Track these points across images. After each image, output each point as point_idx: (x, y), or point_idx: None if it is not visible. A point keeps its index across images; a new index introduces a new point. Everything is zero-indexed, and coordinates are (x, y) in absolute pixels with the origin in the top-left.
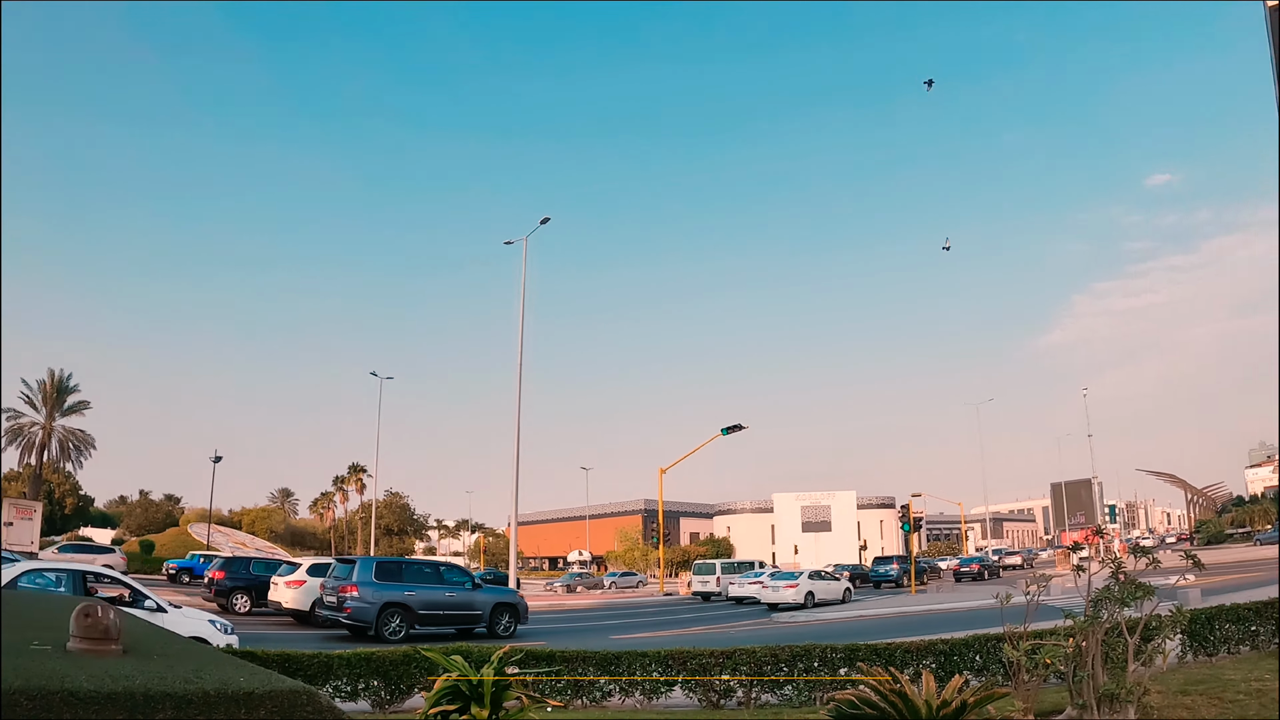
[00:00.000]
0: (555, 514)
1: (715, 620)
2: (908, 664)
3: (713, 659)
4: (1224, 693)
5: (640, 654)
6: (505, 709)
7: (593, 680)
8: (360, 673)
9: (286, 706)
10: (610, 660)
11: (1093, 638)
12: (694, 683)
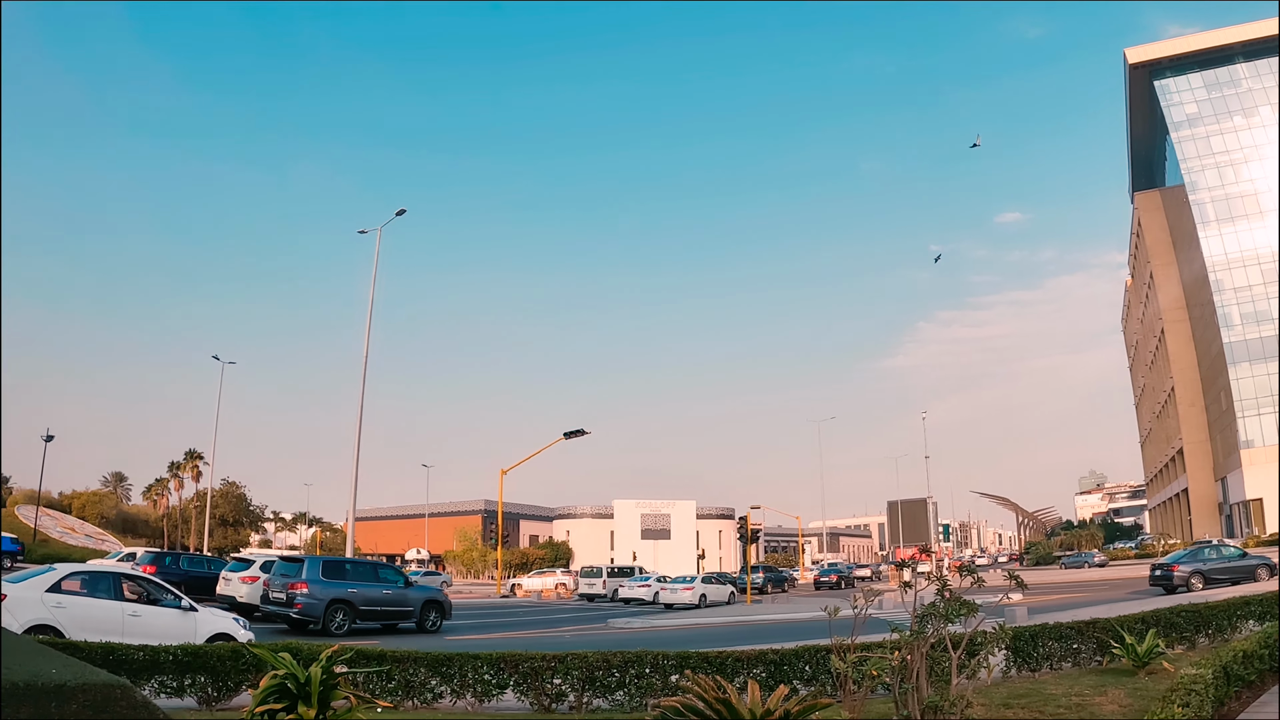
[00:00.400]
0: (395, 511)
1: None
2: (738, 672)
3: (545, 663)
4: (1045, 706)
5: (472, 656)
6: (333, 708)
7: (424, 681)
8: (187, 668)
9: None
10: (442, 661)
11: (918, 651)
12: (526, 686)
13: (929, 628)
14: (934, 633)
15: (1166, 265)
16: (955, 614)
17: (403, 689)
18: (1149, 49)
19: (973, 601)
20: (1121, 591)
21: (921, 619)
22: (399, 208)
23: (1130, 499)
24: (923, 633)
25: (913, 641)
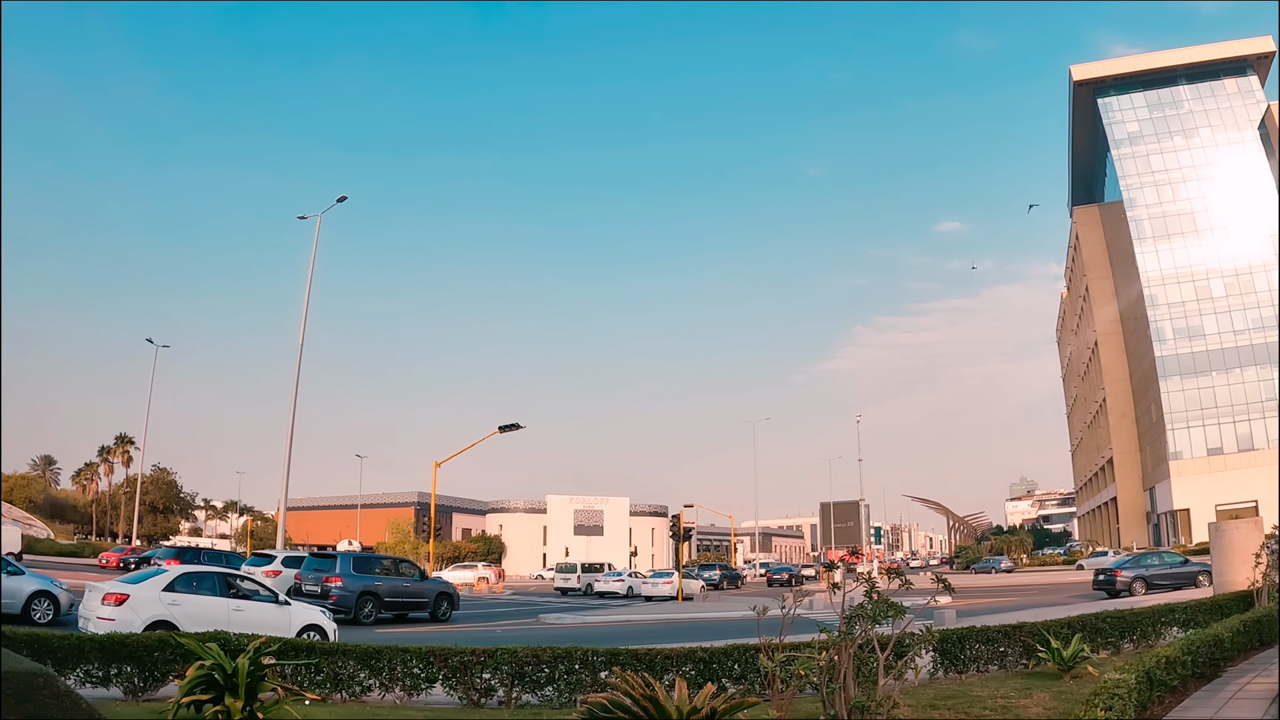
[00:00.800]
0: (327, 501)
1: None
2: (667, 669)
3: (474, 657)
4: (971, 708)
5: (402, 650)
6: (260, 700)
7: (353, 674)
8: (113, 658)
9: (22, 689)
10: (371, 654)
11: (845, 652)
12: (455, 680)
13: (857, 629)
14: (862, 634)
15: (1102, 279)
16: (882, 615)
17: (331, 681)
18: (1094, 67)
19: (900, 604)
20: (1063, 595)
21: (849, 620)
22: (341, 198)
23: (1060, 506)
24: (850, 634)
25: (840, 642)
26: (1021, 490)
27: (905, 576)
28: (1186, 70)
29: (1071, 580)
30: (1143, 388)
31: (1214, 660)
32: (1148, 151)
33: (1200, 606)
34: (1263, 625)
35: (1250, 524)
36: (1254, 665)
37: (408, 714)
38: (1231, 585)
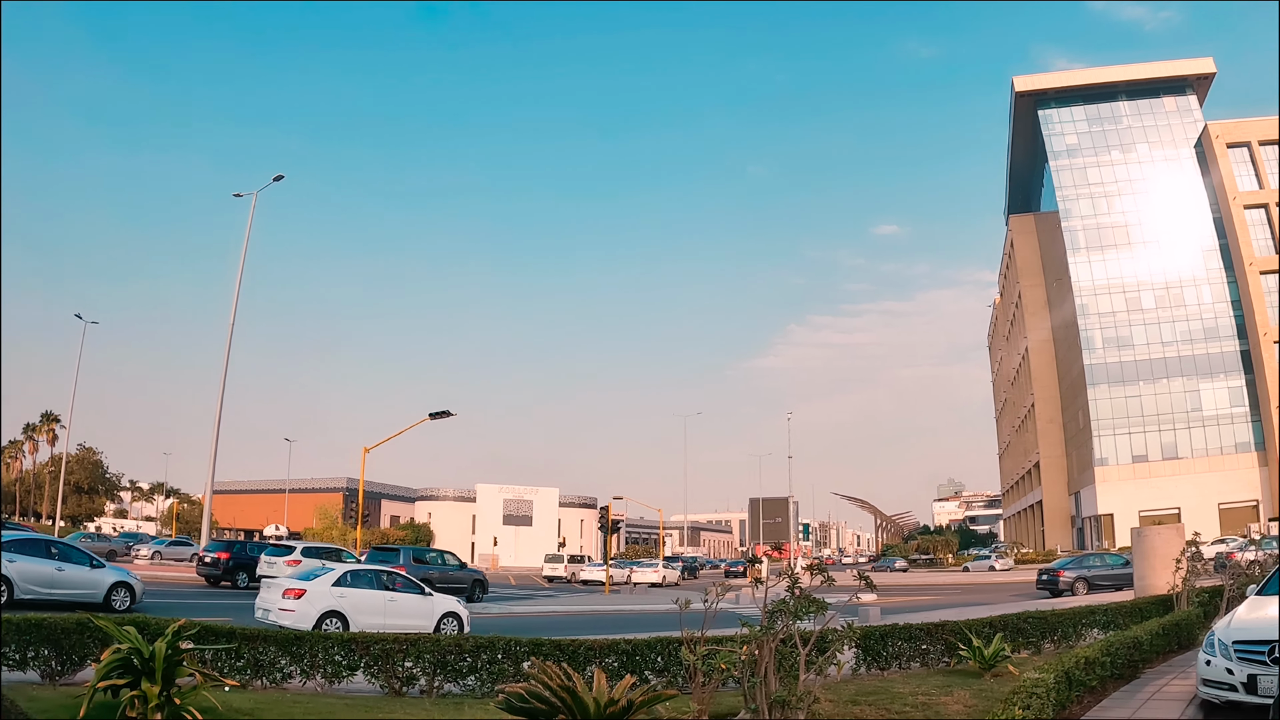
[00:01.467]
0: (255, 485)
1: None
2: (590, 661)
3: (396, 645)
4: (892, 704)
5: (323, 637)
6: (178, 685)
7: (274, 660)
8: (30, 640)
9: None
10: (292, 641)
11: (767, 646)
12: (377, 668)
13: (779, 623)
14: (783, 629)
15: (1035, 287)
16: (804, 611)
17: (252, 667)
18: (1036, 79)
19: (822, 600)
20: (1006, 595)
21: (771, 615)
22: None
23: (986, 508)
24: (772, 628)
25: (761, 637)
26: (949, 491)
27: (827, 573)
28: (1127, 86)
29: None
30: (1071, 394)
31: (1133, 662)
32: (1085, 164)
33: (1121, 609)
34: (1181, 628)
35: (1172, 530)
36: (1172, 667)
37: (325, 702)
38: (1152, 589)
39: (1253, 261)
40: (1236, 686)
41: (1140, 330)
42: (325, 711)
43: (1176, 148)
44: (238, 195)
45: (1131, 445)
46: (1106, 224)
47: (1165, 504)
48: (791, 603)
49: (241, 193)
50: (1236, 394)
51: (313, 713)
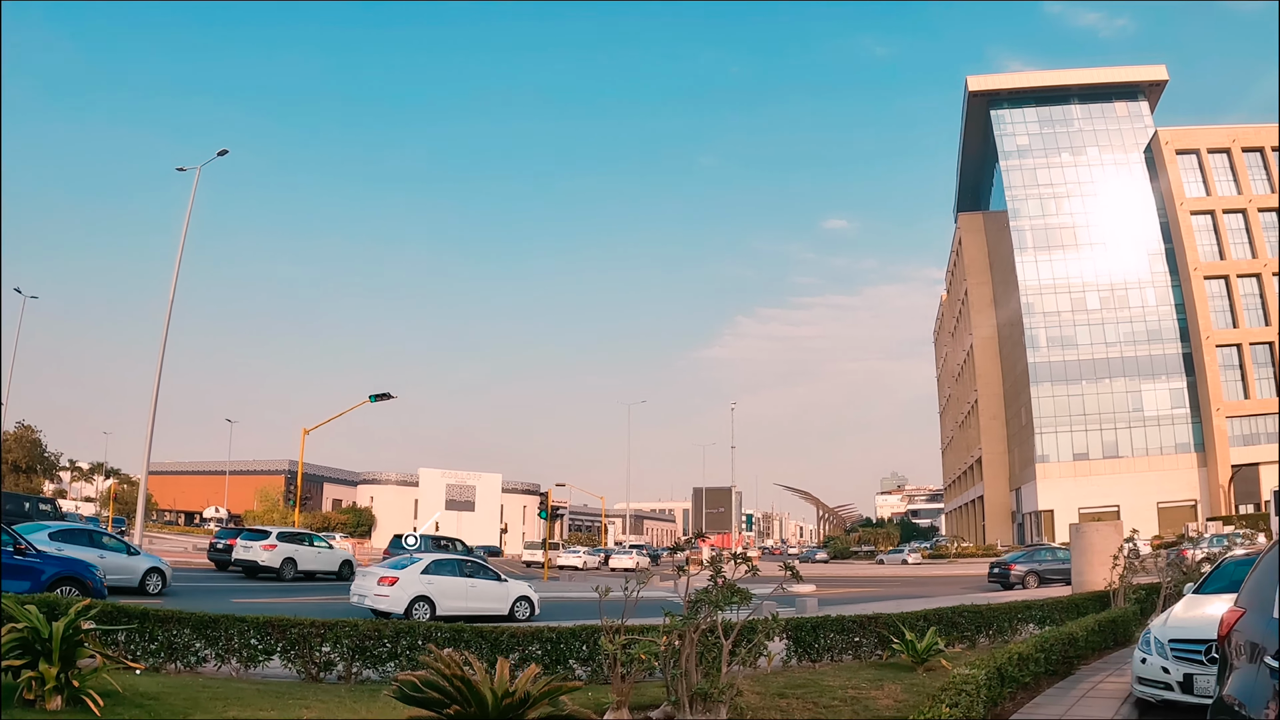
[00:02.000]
0: (196, 466)
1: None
2: (514, 649)
3: (314, 630)
4: (820, 698)
5: (238, 619)
6: (79, 667)
7: (188, 643)
8: None
9: None
10: (207, 623)
11: (689, 637)
12: (294, 653)
13: (701, 613)
14: (706, 619)
15: (981, 285)
16: (726, 601)
17: (165, 650)
18: (990, 79)
19: (746, 590)
20: (956, 587)
21: (694, 605)
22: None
23: (929, 501)
24: (693, 618)
25: (683, 627)
26: (892, 484)
27: (752, 562)
28: (1080, 90)
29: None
30: (1014, 392)
31: (1068, 658)
32: (1035, 165)
33: (1058, 604)
34: (1118, 625)
35: (1109, 527)
36: (1108, 664)
37: (235, 687)
38: (1090, 585)
39: (1197, 266)
40: (1172, 685)
41: (1084, 330)
42: (232, 696)
43: (1126, 152)
44: (181, 169)
45: (1073, 443)
46: (1054, 225)
47: (1105, 502)
48: (714, 592)
49: (185, 167)
50: (1178, 395)
51: (219, 697)
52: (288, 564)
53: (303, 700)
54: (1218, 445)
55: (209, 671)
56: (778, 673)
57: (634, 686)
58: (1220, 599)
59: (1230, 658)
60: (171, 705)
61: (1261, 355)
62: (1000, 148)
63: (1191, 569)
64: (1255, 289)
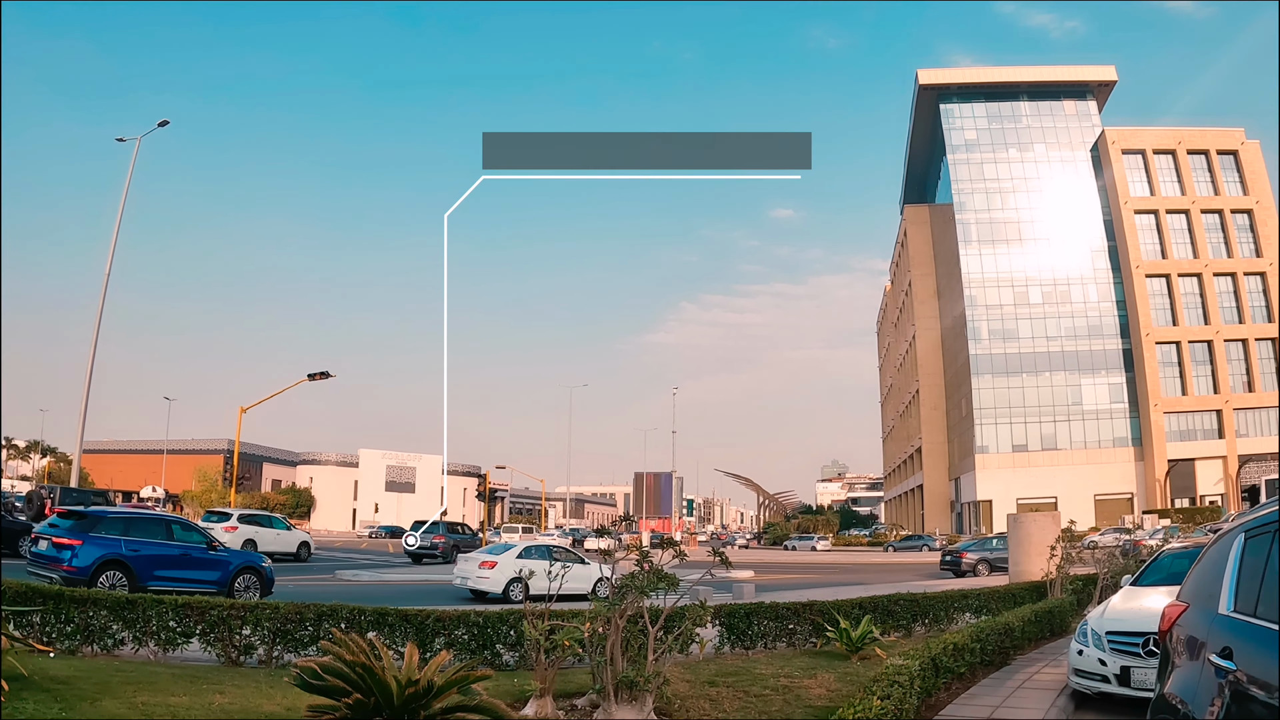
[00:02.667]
0: (134, 445)
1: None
2: (439, 633)
3: (234, 612)
4: (752, 686)
5: (157, 600)
6: None
7: (105, 625)
8: None
9: None
10: (124, 605)
11: (614, 623)
12: (213, 636)
13: (627, 599)
14: (630, 605)
15: (926, 276)
16: (651, 587)
17: (81, 633)
18: (940, 73)
19: (673, 575)
20: (908, 575)
21: (619, 590)
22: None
23: (869, 490)
24: (617, 604)
25: (605, 613)
26: (833, 472)
27: (679, 546)
28: (1029, 87)
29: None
30: (955, 383)
31: (1004, 648)
32: (982, 159)
33: (994, 594)
34: (1054, 615)
35: (1047, 517)
36: (1044, 655)
37: (150, 671)
38: (1027, 575)
39: (1139, 264)
40: (1109, 678)
41: (1026, 324)
42: (145, 680)
43: (1073, 150)
44: (121, 140)
45: (1012, 435)
46: (999, 219)
47: (1043, 493)
48: (640, 578)
49: (125, 137)
50: (1116, 390)
51: (132, 681)
52: (249, 545)
53: (218, 685)
54: (1155, 440)
55: (126, 655)
56: (710, 660)
57: (562, 673)
58: (1157, 591)
59: (1172, 654)
60: (81, 690)
61: (1200, 353)
62: (948, 141)
63: (1116, 560)
64: (1196, 288)
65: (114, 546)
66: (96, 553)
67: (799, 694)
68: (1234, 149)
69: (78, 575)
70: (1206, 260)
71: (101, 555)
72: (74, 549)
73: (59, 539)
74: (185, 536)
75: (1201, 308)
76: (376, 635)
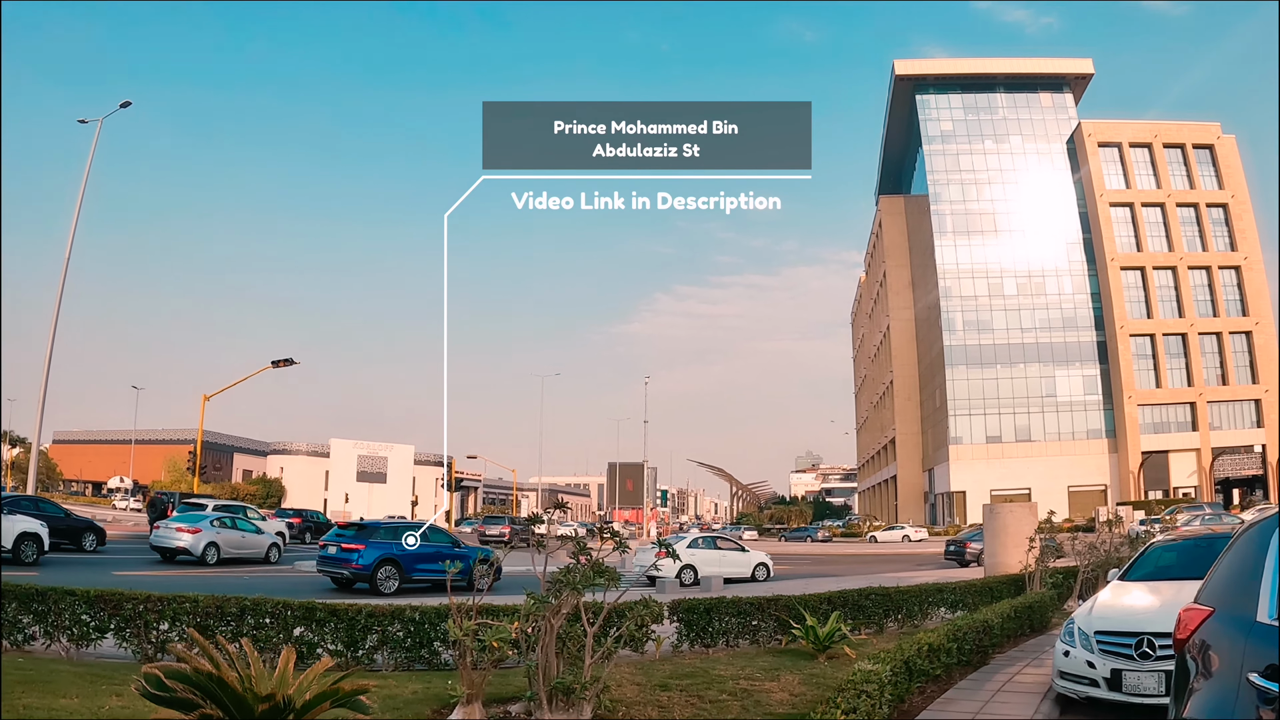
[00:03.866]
0: (103, 435)
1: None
2: (372, 630)
3: (149, 605)
4: (708, 690)
5: (68, 592)
6: None
7: (15, 619)
8: None
9: None
10: (34, 597)
11: (547, 623)
12: (128, 631)
13: (562, 595)
14: (567, 602)
15: (900, 267)
16: (586, 584)
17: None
18: (916, 64)
19: (614, 569)
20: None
21: (554, 585)
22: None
23: (843, 481)
24: (546, 600)
25: (535, 610)
26: (807, 463)
27: (619, 536)
28: (1006, 79)
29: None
30: (930, 374)
31: (982, 647)
32: (958, 150)
33: (970, 588)
34: (1034, 611)
35: (1024, 508)
36: (1024, 653)
37: (53, 669)
38: (1003, 567)
39: (1114, 257)
40: (1098, 681)
41: (1001, 315)
42: (43, 679)
43: (1049, 142)
44: (82, 121)
45: (986, 426)
46: (975, 210)
47: (1016, 484)
48: (575, 573)
49: (87, 119)
50: (1090, 383)
51: (28, 680)
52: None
53: (119, 686)
54: (1129, 432)
55: (37, 651)
56: (666, 660)
57: (501, 674)
58: (1146, 586)
59: (1193, 668)
60: None
61: (1174, 346)
62: (924, 132)
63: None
64: (1170, 281)
65: (387, 548)
66: (376, 553)
67: (759, 699)
68: (1210, 143)
69: (362, 571)
70: (1181, 254)
71: (380, 555)
72: (359, 551)
73: (346, 545)
74: (437, 538)
75: (1176, 301)
76: (304, 629)
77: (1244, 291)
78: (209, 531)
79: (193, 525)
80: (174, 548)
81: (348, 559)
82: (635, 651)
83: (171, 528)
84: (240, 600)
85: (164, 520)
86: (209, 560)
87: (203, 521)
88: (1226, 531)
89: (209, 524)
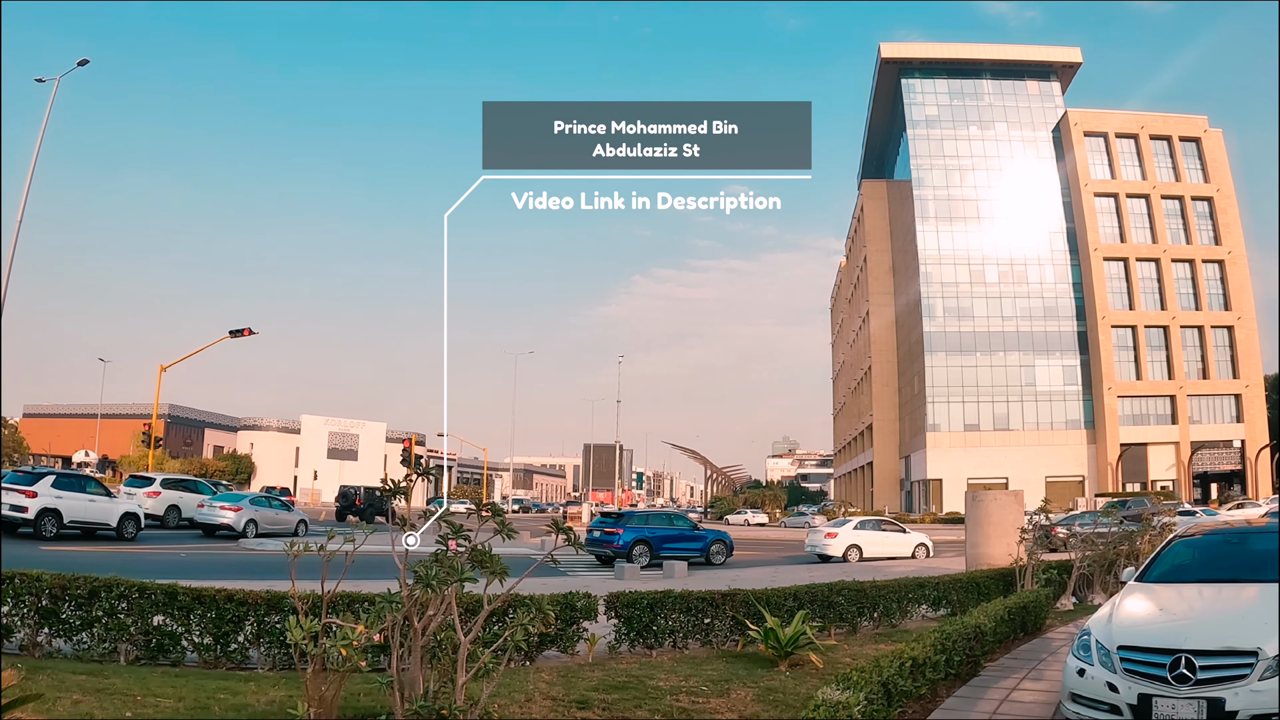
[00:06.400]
0: (71, 409)
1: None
2: (245, 617)
3: None
4: (639, 707)
5: None
6: None
7: None
8: None
9: None
10: None
11: (411, 625)
12: None
13: (430, 592)
14: (435, 603)
15: (881, 252)
16: (451, 578)
17: None
18: (903, 47)
19: (499, 559)
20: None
21: (417, 579)
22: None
23: (819, 466)
24: (393, 601)
25: (387, 609)
26: (784, 449)
27: (504, 518)
28: (992, 66)
29: None
30: (908, 360)
31: (973, 657)
32: (942, 136)
33: (955, 583)
34: (1029, 612)
35: (1009, 496)
36: (1019, 661)
37: None
38: (987, 559)
39: (1098, 247)
40: (1120, 708)
41: (981, 303)
42: None
43: (1035, 130)
44: (40, 80)
45: (964, 414)
46: (958, 196)
47: (994, 473)
48: (445, 563)
49: (44, 78)
50: (1070, 373)
51: None
52: (171, 511)
53: None
54: (1108, 423)
55: None
56: (600, 663)
57: (362, 684)
58: (1175, 590)
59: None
60: None
61: (1155, 338)
62: (909, 116)
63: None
64: (1153, 273)
65: (640, 531)
66: (632, 535)
67: (705, 719)
68: (1197, 136)
69: (622, 550)
70: (1165, 246)
71: (635, 537)
72: (618, 535)
73: (608, 529)
74: (679, 522)
75: (1158, 293)
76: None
77: (1227, 286)
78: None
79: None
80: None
81: (610, 540)
82: (564, 653)
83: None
84: (91, 581)
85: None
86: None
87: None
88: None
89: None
